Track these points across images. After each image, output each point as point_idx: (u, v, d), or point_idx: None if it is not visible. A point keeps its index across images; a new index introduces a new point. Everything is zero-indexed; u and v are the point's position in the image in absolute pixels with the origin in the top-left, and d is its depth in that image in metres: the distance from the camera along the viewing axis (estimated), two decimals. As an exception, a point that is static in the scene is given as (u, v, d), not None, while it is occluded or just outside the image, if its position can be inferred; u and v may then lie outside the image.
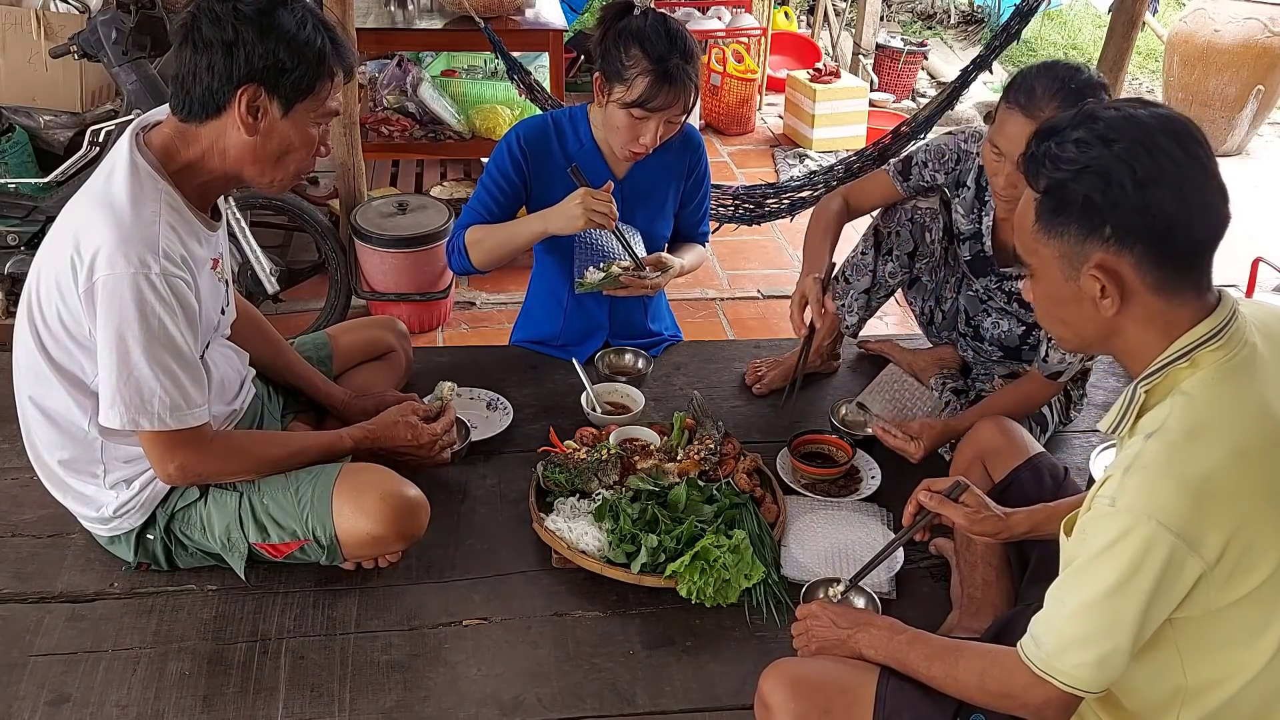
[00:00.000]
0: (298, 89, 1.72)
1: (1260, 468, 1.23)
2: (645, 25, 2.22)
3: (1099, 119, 1.27)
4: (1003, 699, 1.37)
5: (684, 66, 2.21)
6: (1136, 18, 3.59)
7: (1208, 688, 1.30)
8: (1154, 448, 1.24)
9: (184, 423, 1.74)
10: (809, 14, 7.45)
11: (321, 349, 2.33)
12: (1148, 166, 1.24)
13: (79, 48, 3.31)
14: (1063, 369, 2.15)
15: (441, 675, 1.79)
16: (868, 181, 2.45)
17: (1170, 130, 1.26)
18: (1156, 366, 1.30)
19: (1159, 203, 1.24)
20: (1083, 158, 1.26)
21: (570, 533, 1.99)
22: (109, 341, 1.67)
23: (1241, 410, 1.25)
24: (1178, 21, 6.27)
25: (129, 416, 1.71)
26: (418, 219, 3.84)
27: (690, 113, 2.31)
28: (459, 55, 5.25)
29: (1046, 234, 1.31)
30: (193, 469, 1.81)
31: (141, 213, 1.67)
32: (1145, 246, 1.25)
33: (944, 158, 2.25)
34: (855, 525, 2.13)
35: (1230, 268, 4.36)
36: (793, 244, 4.74)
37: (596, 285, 2.38)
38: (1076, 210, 1.27)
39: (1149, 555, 1.20)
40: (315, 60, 1.71)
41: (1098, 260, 1.27)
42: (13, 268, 3.36)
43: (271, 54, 1.67)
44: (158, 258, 1.66)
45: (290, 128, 1.75)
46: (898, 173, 2.32)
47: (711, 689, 1.79)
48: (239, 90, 1.68)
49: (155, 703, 1.73)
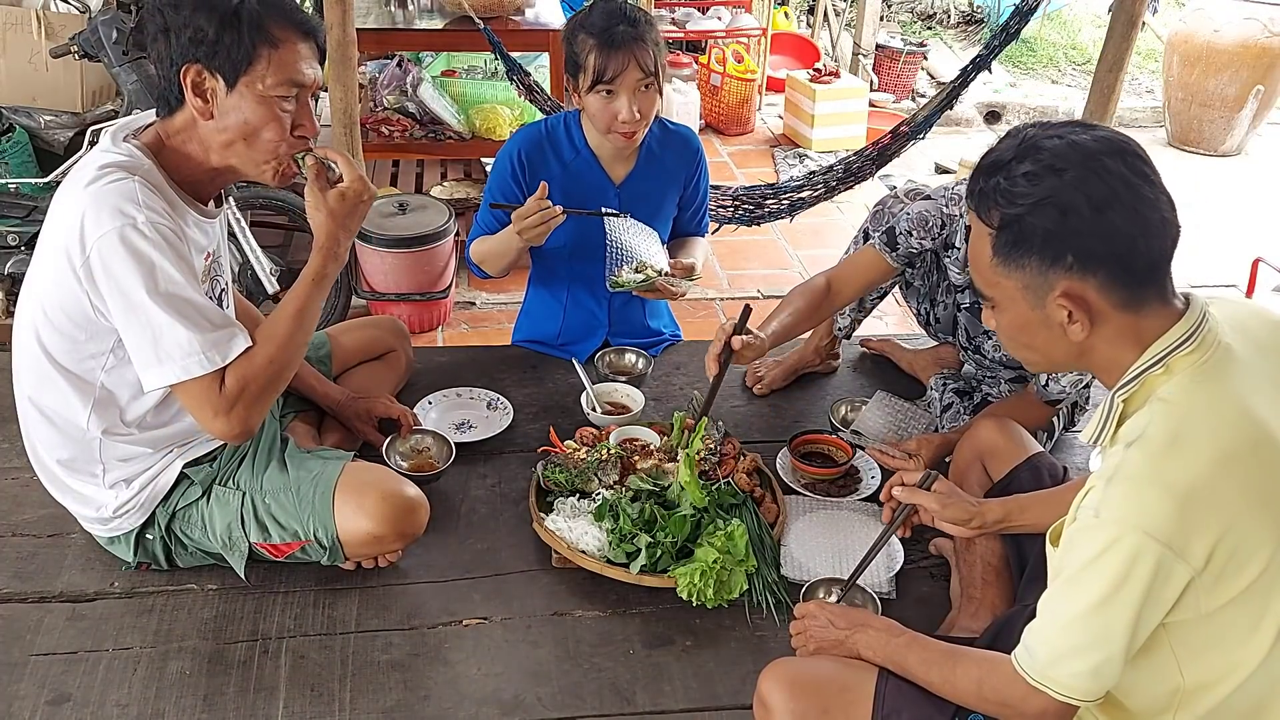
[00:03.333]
0: (233, 59, 1.65)
1: (1243, 470, 1.23)
2: (590, 14, 2.28)
3: (1043, 149, 1.28)
4: (1000, 708, 1.38)
5: (630, 30, 2.23)
6: (1136, 18, 3.59)
7: (1205, 687, 1.30)
8: (1135, 457, 1.24)
9: (235, 350, 1.70)
10: (809, 14, 7.45)
11: (321, 349, 2.33)
12: (1101, 191, 1.25)
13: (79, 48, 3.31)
14: (1061, 398, 2.16)
15: (441, 675, 1.80)
16: (854, 260, 2.35)
17: (1115, 152, 1.27)
18: (1132, 376, 1.31)
19: (1117, 225, 1.25)
20: (1036, 191, 1.27)
21: (570, 532, 1.99)
22: (123, 305, 1.64)
23: (1220, 413, 1.25)
24: (1178, 21, 6.27)
25: (180, 367, 1.67)
26: (418, 219, 3.84)
27: (660, 78, 2.30)
28: (459, 55, 5.25)
29: (1006, 268, 1.32)
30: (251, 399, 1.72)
31: (114, 176, 1.65)
32: (1108, 269, 1.27)
33: (928, 225, 2.19)
34: (855, 525, 2.13)
35: (1230, 268, 4.38)
36: (793, 244, 4.75)
37: (632, 286, 2.37)
38: (1037, 243, 1.28)
39: (1136, 565, 1.21)
40: (238, 21, 1.64)
41: (1063, 288, 1.29)
42: (13, 268, 3.37)
43: (189, 24, 1.64)
44: (139, 208, 1.63)
45: (242, 104, 1.69)
46: (884, 245, 2.24)
47: (711, 689, 1.79)
48: (181, 73, 1.66)
49: (155, 702, 1.73)
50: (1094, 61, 4.16)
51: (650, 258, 2.38)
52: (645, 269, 2.36)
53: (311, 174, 1.83)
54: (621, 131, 2.31)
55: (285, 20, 1.70)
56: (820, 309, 2.28)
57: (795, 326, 2.25)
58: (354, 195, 1.83)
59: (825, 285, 2.28)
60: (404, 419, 2.26)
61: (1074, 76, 7.32)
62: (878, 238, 2.25)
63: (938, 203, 2.21)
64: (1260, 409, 1.26)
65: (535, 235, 2.28)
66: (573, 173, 2.42)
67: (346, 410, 2.24)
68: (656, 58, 2.28)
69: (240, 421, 1.73)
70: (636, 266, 2.36)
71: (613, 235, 2.39)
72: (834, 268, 2.34)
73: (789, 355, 2.66)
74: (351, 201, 1.83)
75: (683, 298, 2.49)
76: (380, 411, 2.26)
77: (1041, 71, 7.40)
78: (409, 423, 2.26)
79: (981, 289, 1.39)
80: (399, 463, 2.18)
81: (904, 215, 2.21)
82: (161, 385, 1.70)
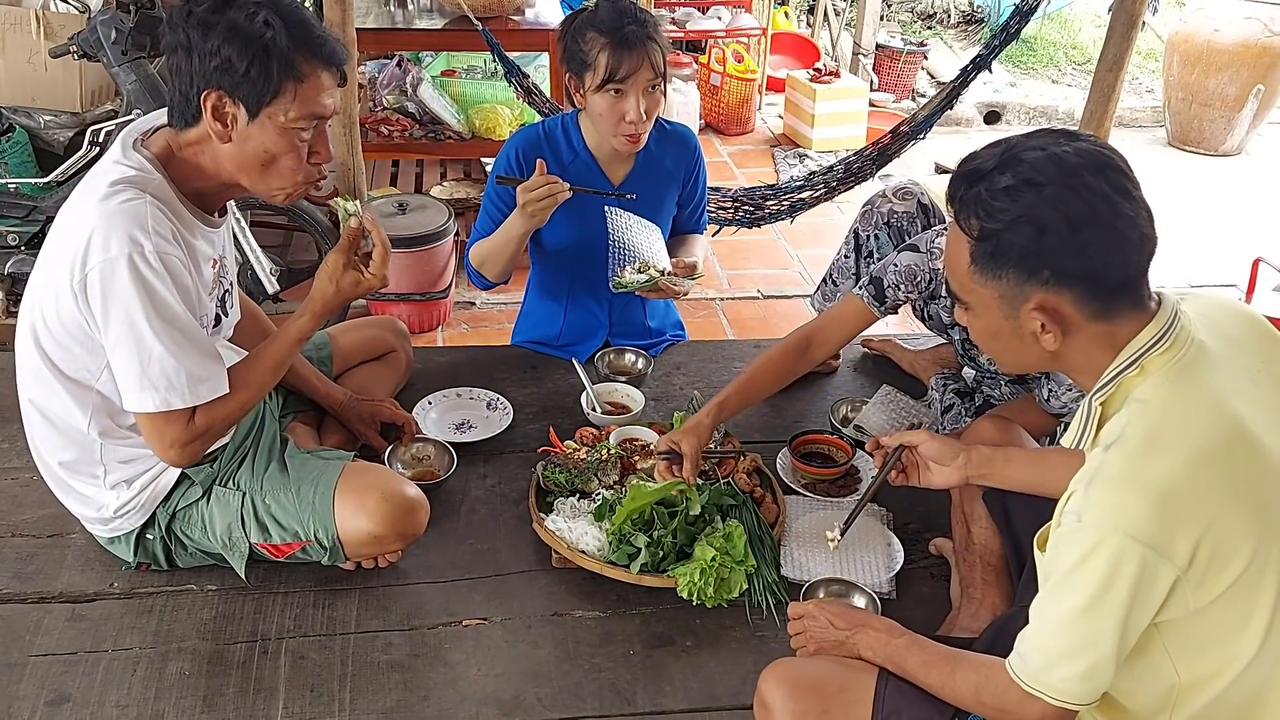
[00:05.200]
0: (258, 91, 1.64)
1: (1220, 467, 1.23)
2: (595, 12, 2.26)
3: (1023, 161, 1.28)
4: (999, 713, 1.38)
5: (639, 30, 2.22)
6: (1136, 18, 3.59)
7: (1200, 684, 1.31)
8: (1114, 459, 1.25)
9: (215, 392, 1.72)
10: (809, 14, 7.45)
11: (321, 349, 2.33)
12: (1079, 210, 1.25)
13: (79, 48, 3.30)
14: (1064, 413, 2.17)
15: (441, 675, 1.79)
16: (837, 313, 2.24)
17: (1096, 167, 1.27)
18: (1107, 379, 1.31)
19: (1093, 244, 1.26)
20: (1014, 208, 1.27)
21: (570, 533, 1.99)
22: (119, 329, 1.65)
23: (1196, 411, 1.26)
24: (1178, 21, 6.27)
25: (161, 398, 1.68)
26: (418, 219, 3.84)
27: (665, 79, 2.30)
28: (459, 55, 5.24)
29: (983, 276, 1.33)
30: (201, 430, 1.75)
31: (126, 196, 1.64)
32: (1083, 285, 1.28)
33: (915, 279, 2.15)
34: (855, 525, 2.12)
35: (1230, 268, 4.38)
36: (793, 244, 4.75)
37: (634, 286, 2.36)
38: (1014, 258, 1.29)
39: (1121, 568, 1.21)
40: (267, 58, 1.62)
41: (1037, 301, 1.30)
42: (13, 268, 3.36)
43: (217, 53, 1.61)
44: (148, 235, 1.63)
45: (263, 133, 1.67)
46: (872, 298, 2.18)
47: (711, 689, 1.79)
48: (202, 95, 1.65)
49: (155, 703, 1.73)
50: (1094, 61, 4.16)
51: (653, 257, 2.38)
52: (648, 269, 2.35)
53: (347, 237, 1.87)
54: (627, 134, 2.30)
55: (313, 54, 1.68)
56: (794, 370, 2.20)
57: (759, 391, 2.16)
58: (367, 288, 1.90)
59: (804, 342, 2.19)
60: (407, 427, 2.26)
61: (1074, 76, 7.32)
62: (864, 290, 2.19)
63: (924, 257, 2.17)
64: (1235, 403, 1.27)
65: (540, 209, 2.25)
66: (572, 174, 2.41)
67: (349, 411, 2.24)
68: (665, 58, 2.28)
69: (192, 455, 1.79)
70: (639, 266, 2.36)
71: (615, 234, 2.38)
72: (814, 321, 2.26)
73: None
74: (363, 290, 1.90)
75: (685, 296, 2.49)
76: (384, 415, 2.26)
77: (1042, 71, 7.40)
78: (411, 430, 2.26)
79: (957, 293, 1.40)
80: (400, 471, 2.18)
81: (891, 268, 2.17)
82: (140, 410, 1.71)
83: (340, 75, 1.75)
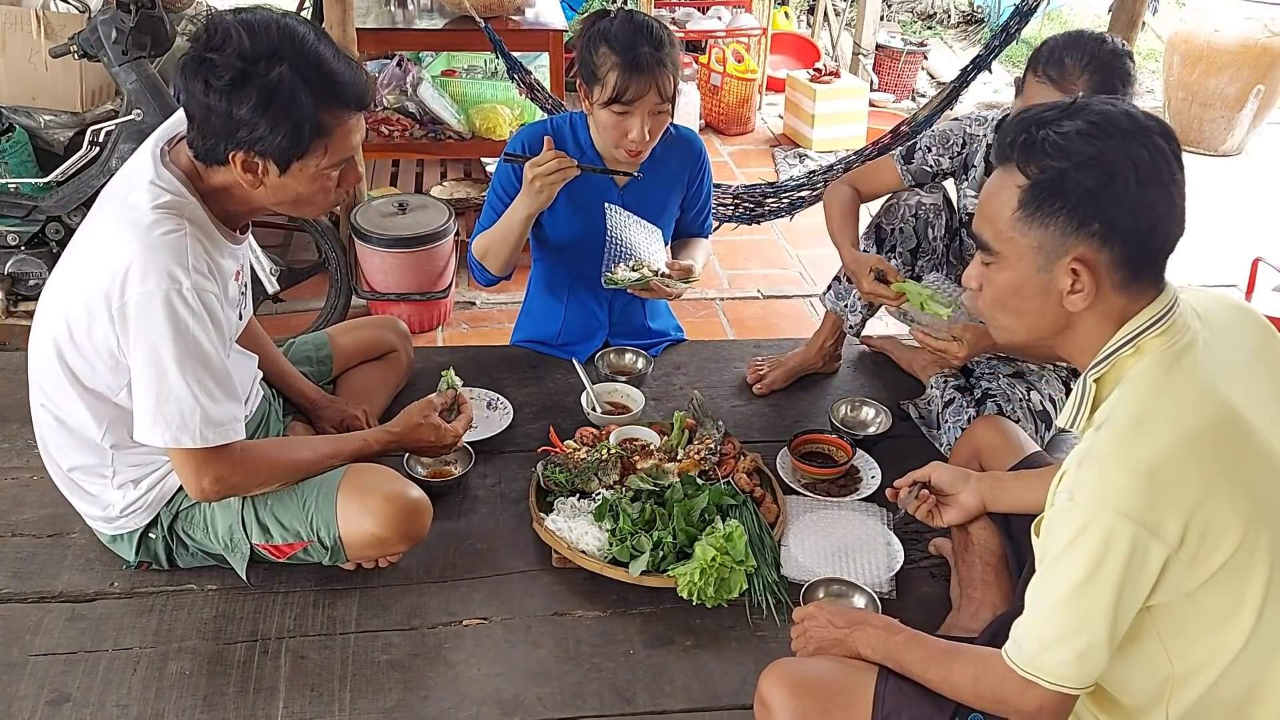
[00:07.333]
0: (286, 153, 1.65)
1: (1210, 448, 1.24)
2: (612, 24, 2.25)
3: (1095, 111, 1.27)
4: (998, 704, 1.38)
5: (653, 54, 2.21)
6: (1136, 18, 3.60)
7: (1194, 672, 1.31)
8: (1103, 439, 1.25)
9: (226, 438, 1.72)
10: (809, 14, 7.45)
11: (322, 349, 2.33)
12: (1149, 165, 1.25)
13: (79, 47, 3.30)
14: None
15: (442, 675, 1.80)
16: (873, 168, 2.48)
17: (1164, 133, 1.27)
18: (1104, 355, 1.31)
19: (1151, 203, 1.25)
20: (1088, 148, 1.25)
21: (570, 533, 1.99)
22: (145, 360, 1.65)
23: (1186, 394, 1.26)
24: (1178, 21, 6.27)
25: (170, 435, 1.68)
26: (418, 219, 3.84)
27: (674, 101, 2.29)
28: (459, 55, 5.24)
29: (1028, 223, 1.30)
30: (227, 482, 1.77)
31: (168, 227, 1.64)
32: (1126, 245, 1.27)
33: (948, 142, 2.27)
34: (855, 525, 2.12)
35: (1230, 268, 4.37)
36: (793, 243, 4.74)
37: (626, 283, 2.35)
38: (1071, 201, 1.26)
39: (1112, 546, 1.21)
40: (296, 126, 1.62)
41: (1079, 253, 1.28)
42: (13, 268, 3.36)
43: (249, 121, 1.60)
44: (188, 272, 1.63)
45: (295, 182, 1.69)
46: (901, 157, 2.36)
47: (711, 689, 1.79)
48: (230, 154, 1.65)
49: (155, 703, 1.73)
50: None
51: (649, 257, 2.38)
52: (642, 268, 2.35)
53: (440, 401, 2.10)
54: (628, 149, 2.30)
55: (339, 102, 1.67)
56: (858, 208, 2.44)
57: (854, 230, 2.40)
58: (442, 436, 2.06)
59: (852, 191, 2.42)
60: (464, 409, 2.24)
61: (1074, 76, 7.31)
62: (898, 151, 2.35)
63: (962, 122, 2.30)
64: (1226, 389, 1.28)
65: (549, 183, 2.23)
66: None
67: (320, 412, 2.23)
68: (675, 82, 2.27)
69: (216, 496, 1.80)
70: (634, 265, 2.36)
71: (614, 231, 2.38)
72: (849, 174, 2.51)
73: (791, 356, 2.66)
74: (439, 437, 2.06)
75: (679, 298, 2.48)
76: (351, 423, 2.22)
77: (1042, 71, 7.40)
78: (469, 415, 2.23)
79: (989, 242, 1.35)
80: (419, 471, 2.19)
81: (928, 132, 2.32)
82: (149, 443, 1.71)
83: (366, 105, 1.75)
